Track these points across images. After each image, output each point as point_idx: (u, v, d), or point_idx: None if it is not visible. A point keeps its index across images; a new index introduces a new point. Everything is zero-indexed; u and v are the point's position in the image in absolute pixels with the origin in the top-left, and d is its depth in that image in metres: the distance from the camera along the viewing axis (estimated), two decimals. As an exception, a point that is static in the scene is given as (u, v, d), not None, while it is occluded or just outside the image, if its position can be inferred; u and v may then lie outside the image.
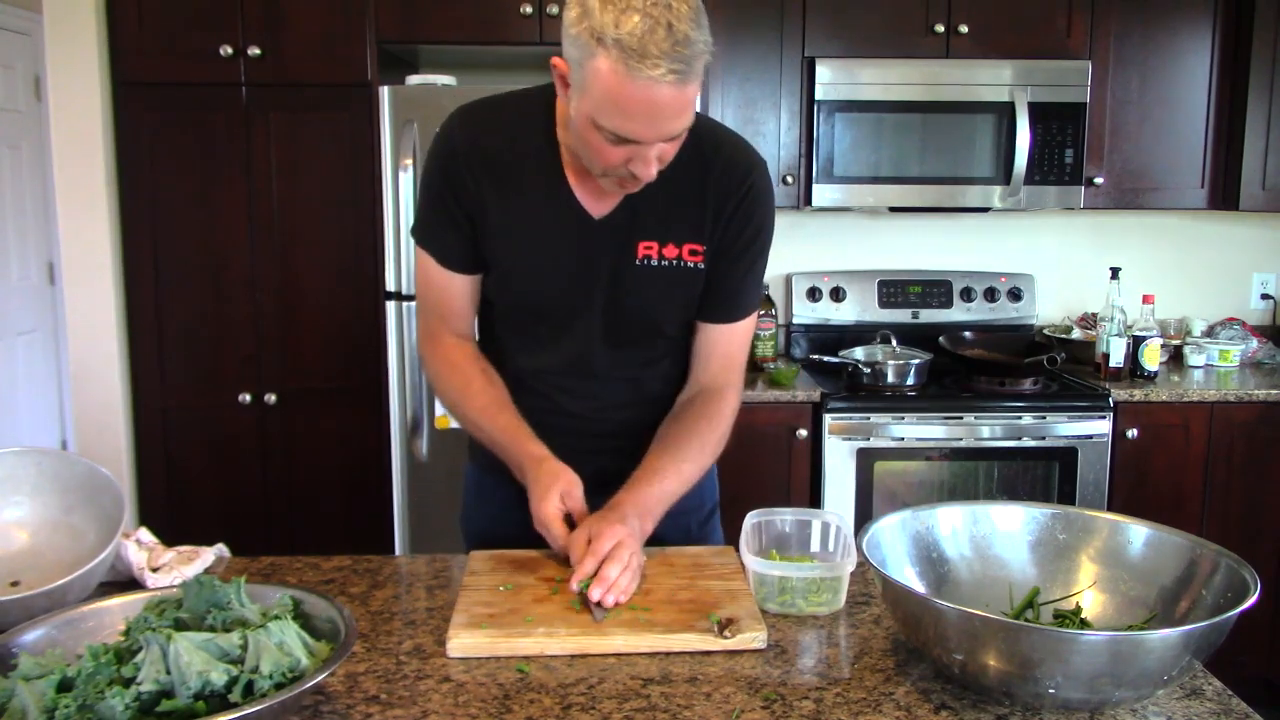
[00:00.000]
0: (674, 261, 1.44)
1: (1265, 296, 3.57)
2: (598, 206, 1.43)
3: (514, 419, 1.47)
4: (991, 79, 3.01)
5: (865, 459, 2.84)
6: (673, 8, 1.17)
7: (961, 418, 2.86)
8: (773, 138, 3.06)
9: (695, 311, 1.51)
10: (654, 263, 1.44)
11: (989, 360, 3.04)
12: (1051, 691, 1.00)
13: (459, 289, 1.51)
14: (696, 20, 1.19)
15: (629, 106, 1.20)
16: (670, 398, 1.57)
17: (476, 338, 1.59)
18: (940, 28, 3.02)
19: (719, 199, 1.44)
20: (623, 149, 1.26)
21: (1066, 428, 2.85)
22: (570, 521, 1.38)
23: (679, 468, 1.43)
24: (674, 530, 1.50)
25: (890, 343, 3.14)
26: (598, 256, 1.44)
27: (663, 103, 1.20)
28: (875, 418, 2.84)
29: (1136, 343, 3.01)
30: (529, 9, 2.87)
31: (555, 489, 1.37)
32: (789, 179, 3.08)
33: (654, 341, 1.52)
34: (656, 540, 1.41)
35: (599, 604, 1.25)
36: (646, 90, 1.18)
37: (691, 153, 1.39)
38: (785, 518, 1.44)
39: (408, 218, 2.75)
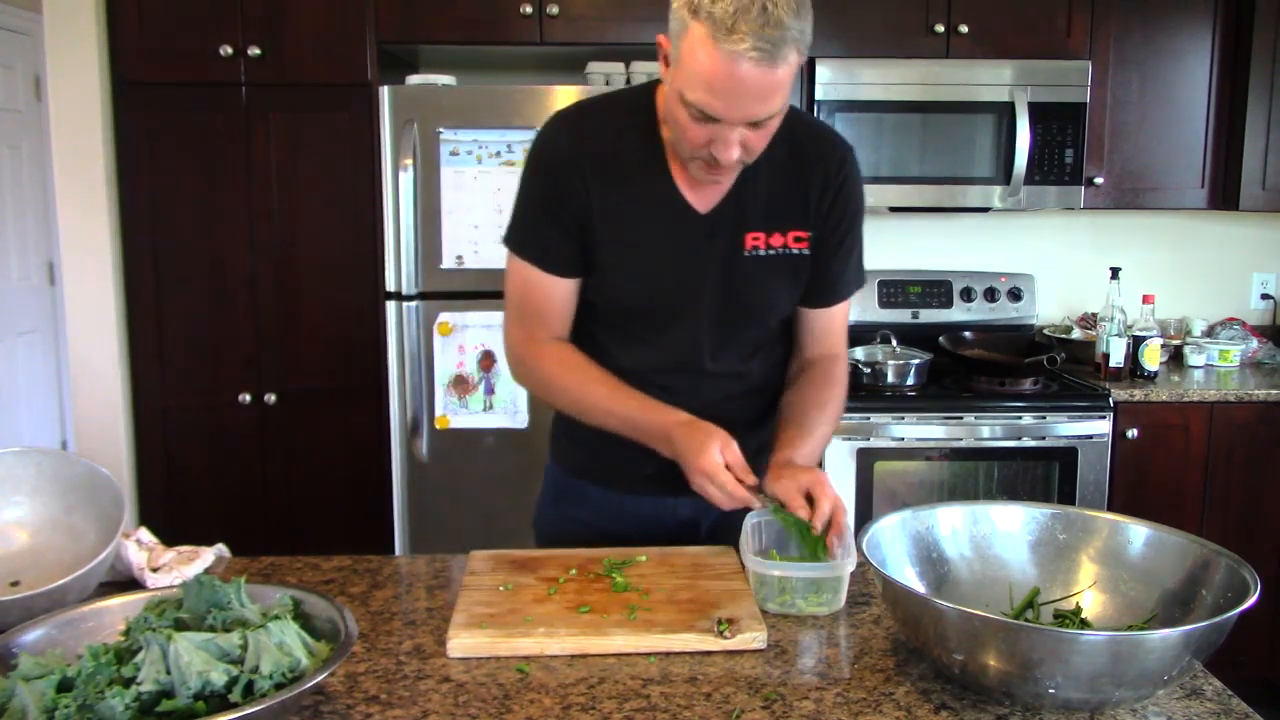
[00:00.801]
0: (781, 250, 1.47)
1: (1265, 296, 3.57)
2: (703, 201, 1.45)
3: (645, 398, 1.47)
4: (991, 79, 3.01)
5: (865, 459, 2.84)
6: None
7: (961, 418, 2.86)
8: (773, 138, 3.06)
9: (796, 298, 1.54)
10: (762, 252, 1.46)
11: (989, 360, 3.04)
12: (1051, 691, 1.00)
13: (562, 293, 1.50)
14: (797, 9, 1.21)
15: (713, 80, 1.22)
16: (773, 388, 1.59)
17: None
18: (940, 28, 3.02)
19: (819, 186, 1.47)
20: (705, 128, 1.28)
21: (1066, 428, 2.85)
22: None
23: (822, 431, 1.49)
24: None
25: (890, 343, 3.14)
26: (706, 250, 1.45)
27: (745, 79, 1.21)
28: (875, 418, 2.84)
29: (1136, 343, 3.01)
30: (529, 9, 2.87)
31: (713, 442, 1.36)
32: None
33: (760, 332, 1.54)
34: (751, 468, 1.44)
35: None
36: (730, 64, 1.20)
37: (789, 142, 1.42)
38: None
39: (408, 218, 2.75)
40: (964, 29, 3.02)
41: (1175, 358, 3.30)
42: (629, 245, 1.46)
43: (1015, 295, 3.37)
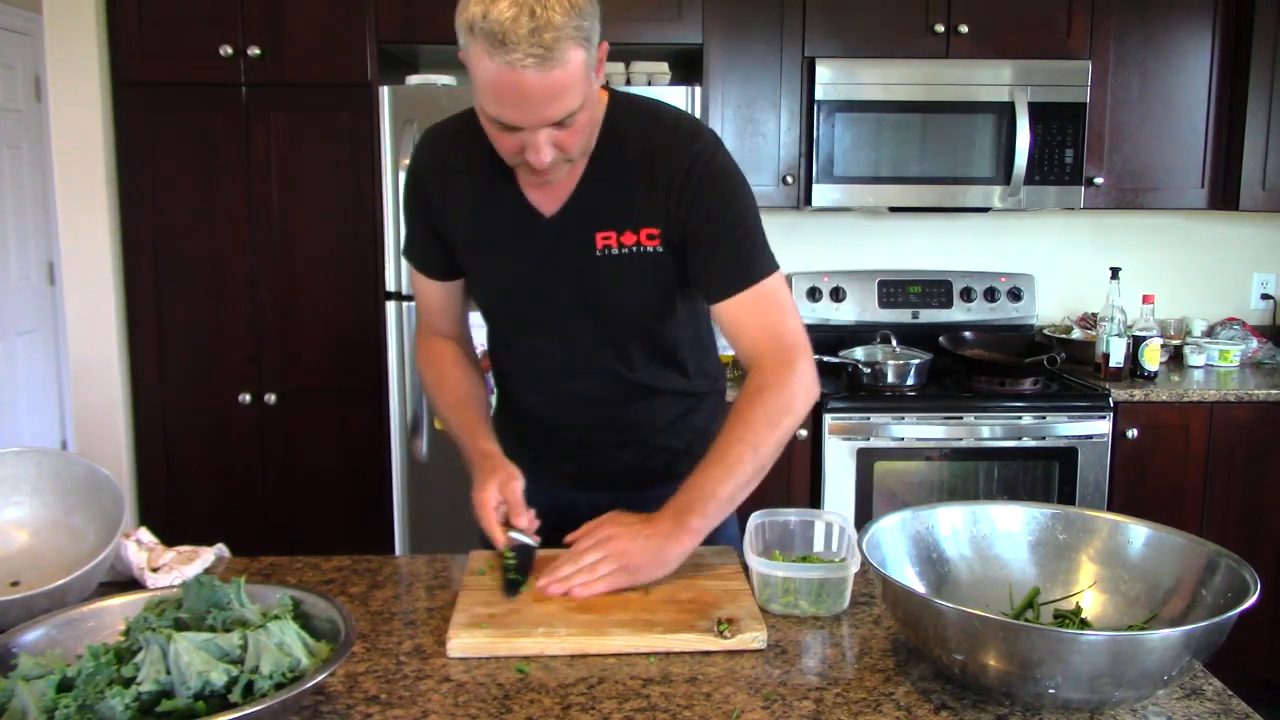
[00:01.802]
0: (634, 248, 1.44)
1: (1265, 296, 3.57)
2: (548, 203, 1.45)
3: (474, 415, 1.55)
4: (991, 79, 3.01)
5: (865, 459, 2.84)
6: None
7: (961, 418, 2.86)
8: (772, 138, 3.06)
9: (674, 301, 1.50)
10: (615, 251, 1.44)
11: (989, 360, 3.04)
12: (1051, 692, 1.00)
13: (437, 295, 1.60)
14: (570, 6, 1.20)
15: (499, 93, 1.23)
16: (674, 392, 1.59)
17: (470, 338, 1.67)
18: (940, 28, 3.02)
19: (667, 178, 1.41)
20: (513, 137, 1.29)
21: (1066, 428, 2.85)
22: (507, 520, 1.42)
23: (725, 454, 1.37)
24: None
25: (890, 343, 3.14)
26: (556, 253, 1.46)
27: (527, 87, 1.21)
28: (875, 418, 2.84)
29: (1136, 343, 3.01)
30: (529, 9, 2.86)
31: (494, 480, 1.42)
32: (789, 179, 3.08)
33: (637, 334, 1.53)
34: (664, 473, 1.45)
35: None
36: (510, 76, 1.20)
37: (635, 138, 1.42)
38: (788, 518, 1.44)
39: (408, 218, 2.75)
40: (964, 29, 3.02)
41: (1175, 358, 3.30)
42: (484, 251, 1.50)
43: (1015, 295, 3.37)
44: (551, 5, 1.19)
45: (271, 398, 2.95)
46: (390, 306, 2.82)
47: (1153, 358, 3.01)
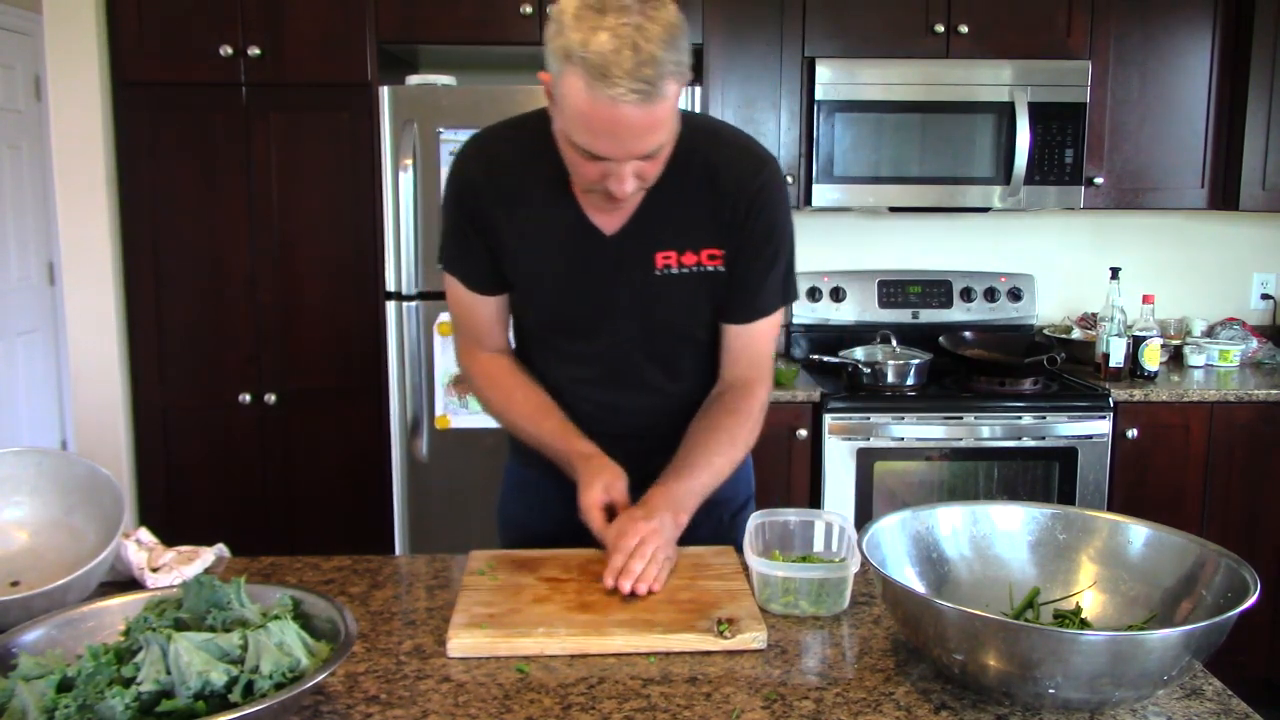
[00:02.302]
0: (694, 268, 1.45)
1: (1265, 296, 3.57)
2: (610, 223, 1.44)
3: (560, 422, 1.51)
4: (991, 79, 3.01)
5: (865, 459, 2.84)
6: (643, 28, 1.17)
7: (961, 418, 2.86)
8: (772, 138, 3.06)
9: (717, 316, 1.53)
10: (674, 271, 1.45)
11: (989, 360, 3.04)
12: (1051, 692, 1.00)
13: (487, 310, 1.55)
14: (669, 40, 1.19)
15: (594, 124, 1.21)
16: (698, 392, 1.58)
17: (513, 347, 1.63)
18: (940, 28, 3.02)
19: (731, 201, 1.43)
20: (596, 166, 1.27)
21: (1066, 428, 2.85)
22: (612, 513, 1.41)
23: (710, 461, 1.45)
24: (707, 521, 1.52)
25: (890, 343, 3.14)
26: (615, 272, 1.45)
27: (627, 122, 1.20)
28: (875, 418, 2.84)
29: (1136, 343, 3.01)
30: (529, 9, 2.87)
31: (599, 481, 1.40)
32: (789, 179, 3.07)
33: (686, 348, 1.53)
34: (691, 533, 1.42)
35: (633, 593, 1.29)
36: (609, 109, 1.19)
37: (699, 158, 1.40)
38: (789, 518, 1.44)
39: (408, 218, 2.75)
40: (964, 29, 3.02)
41: (1175, 358, 3.30)
42: (540, 268, 1.48)
43: (1015, 295, 3.37)
44: (653, 39, 1.17)
45: (271, 398, 2.95)
46: (390, 306, 2.82)
47: (1153, 358, 3.01)
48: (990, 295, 3.36)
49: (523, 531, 1.62)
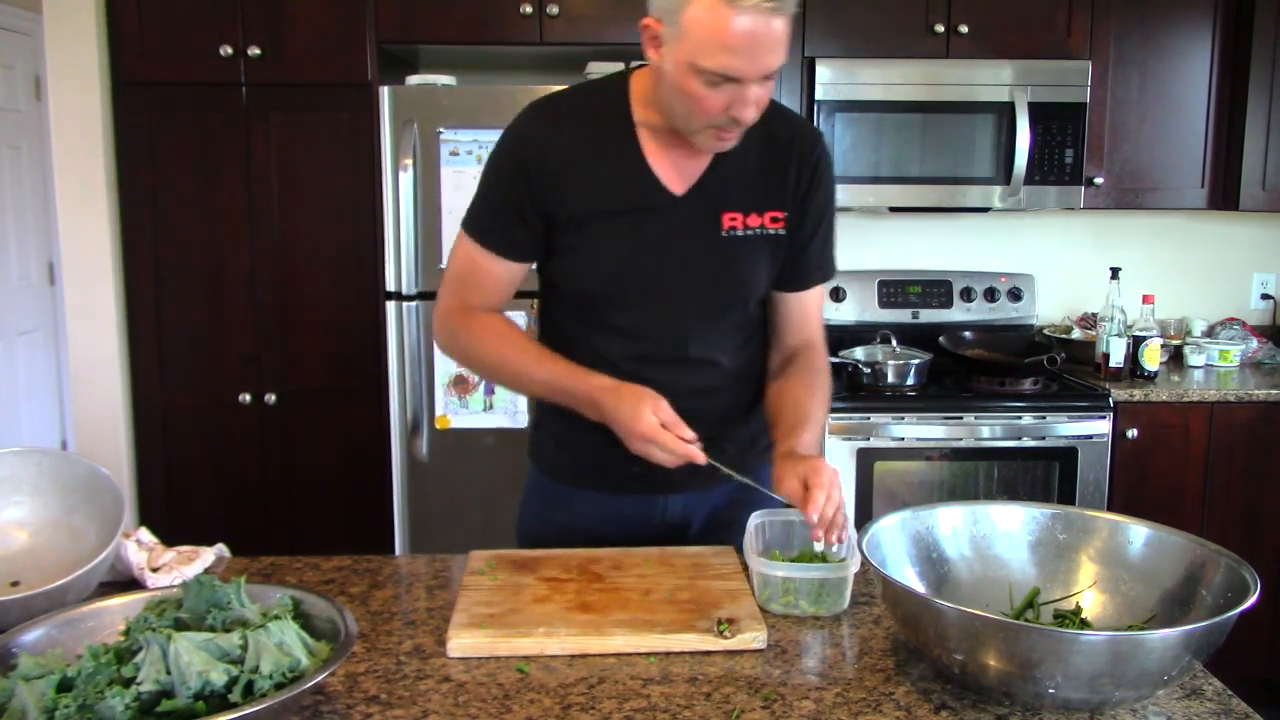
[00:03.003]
0: (759, 230, 1.48)
1: (1265, 296, 3.57)
2: (678, 183, 1.45)
3: (568, 363, 1.47)
4: (991, 79, 3.01)
5: (865, 459, 2.84)
6: None
7: (961, 418, 2.86)
8: (773, 138, 3.06)
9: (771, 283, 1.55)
10: (740, 233, 1.47)
11: (989, 360, 3.03)
12: (1051, 691, 1.00)
13: (510, 275, 1.52)
14: None
15: (731, 39, 1.25)
16: (757, 377, 1.60)
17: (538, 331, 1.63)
18: (940, 28, 3.02)
19: (796, 167, 1.48)
20: (723, 93, 1.30)
21: (1066, 428, 2.85)
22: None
23: (815, 415, 1.48)
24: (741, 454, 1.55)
25: (890, 343, 3.14)
26: (683, 232, 1.46)
27: (761, 33, 1.25)
28: (875, 418, 2.84)
29: (1136, 343, 3.01)
30: (529, 9, 2.87)
31: (645, 405, 1.36)
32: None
33: (740, 317, 1.54)
34: (734, 467, 1.45)
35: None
36: (748, 23, 1.24)
37: (763, 122, 1.41)
38: (788, 518, 1.44)
39: (408, 218, 2.75)
40: (964, 29, 3.02)
41: (1175, 358, 3.30)
42: (603, 229, 1.46)
43: (1015, 295, 3.37)
44: None
45: (271, 398, 2.95)
46: (390, 306, 2.82)
47: (1153, 358, 3.01)
48: (990, 295, 3.36)
49: (546, 545, 1.56)
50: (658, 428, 1.35)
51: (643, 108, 1.45)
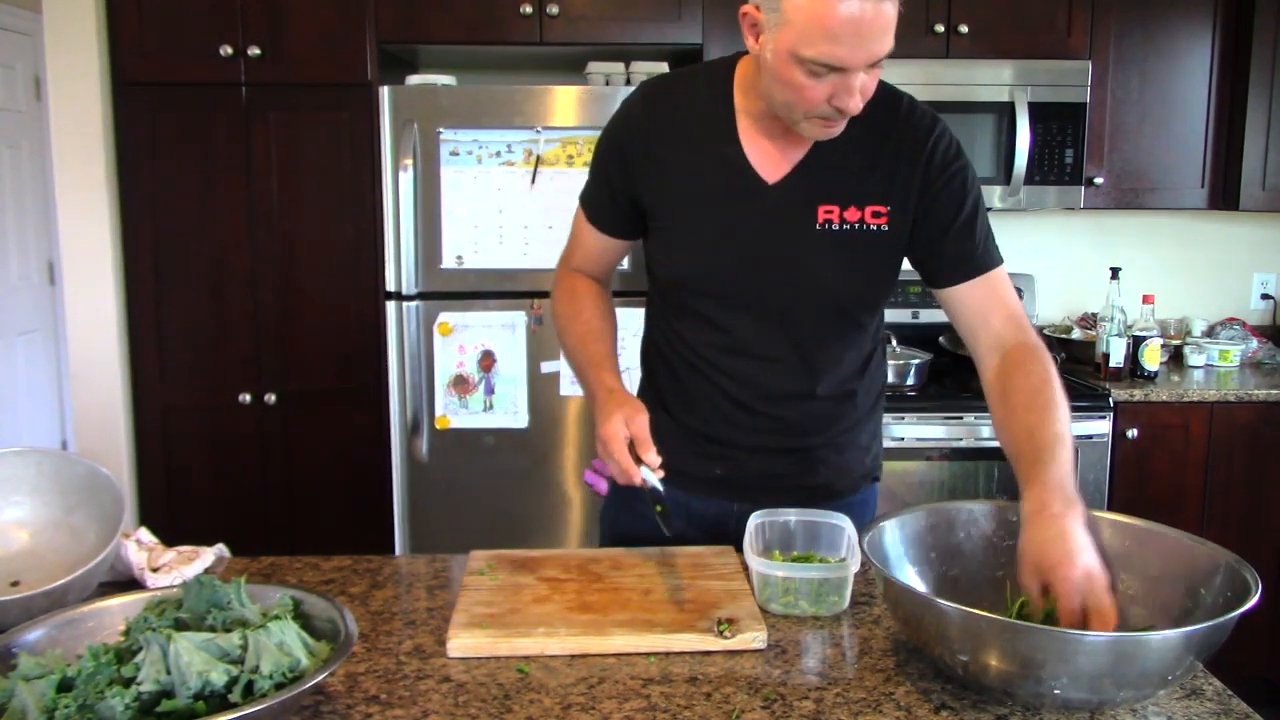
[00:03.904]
0: (856, 225, 1.41)
1: (1265, 296, 3.57)
2: (773, 171, 1.42)
3: (604, 349, 1.49)
4: (991, 79, 3.01)
5: (865, 459, 2.84)
6: None
7: (961, 418, 2.85)
8: (773, 138, 3.06)
9: (885, 289, 1.49)
10: (835, 227, 1.41)
11: (989, 360, 3.03)
12: (1056, 692, 1.00)
13: (599, 243, 1.57)
14: None
15: (834, 26, 1.20)
16: (847, 397, 1.54)
17: (610, 289, 1.64)
18: (940, 28, 3.02)
19: (909, 158, 1.40)
20: (826, 82, 1.25)
21: (1066, 428, 2.85)
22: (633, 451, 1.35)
23: (1058, 444, 1.24)
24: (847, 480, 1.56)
25: (890, 343, 3.14)
26: (774, 222, 1.41)
27: (866, 19, 1.20)
28: (875, 418, 2.83)
29: (1136, 343, 3.01)
30: (529, 9, 2.87)
31: (620, 413, 1.35)
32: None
33: (838, 330, 1.49)
34: (823, 489, 1.45)
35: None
36: (851, 9, 1.19)
37: (866, 111, 1.36)
38: (789, 518, 1.44)
39: (408, 218, 2.75)
40: (964, 29, 3.02)
41: (1175, 358, 3.30)
42: (692, 212, 1.44)
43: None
44: None
45: (271, 398, 2.95)
46: (390, 306, 2.82)
47: (1153, 358, 3.01)
48: (990, 295, 3.35)
49: (627, 539, 1.55)
50: (617, 436, 1.34)
51: (744, 94, 1.42)
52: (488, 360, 2.81)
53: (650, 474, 1.34)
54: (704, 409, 1.52)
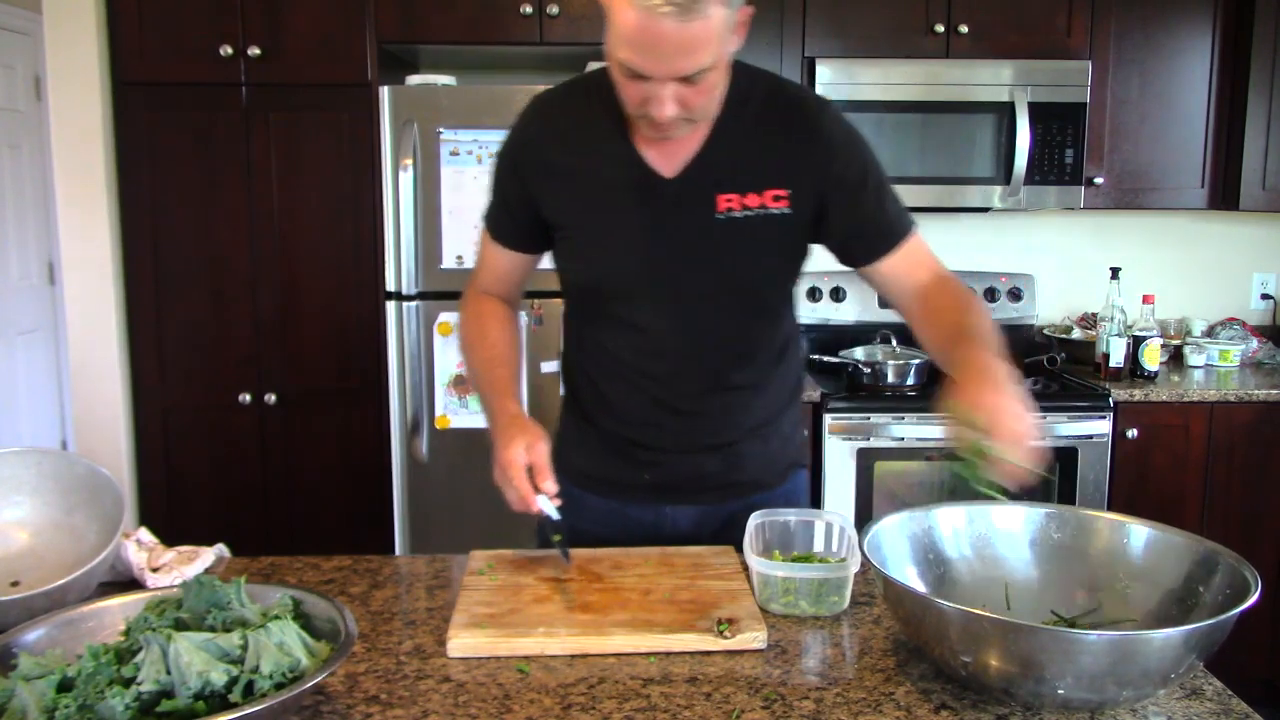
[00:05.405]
0: (759, 211, 1.41)
1: (1265, 296, 3.57)
2: (669, 165, 1.42)
3: (507, 374, 1.50)
4: (991, 79, 3.01)
5: (865, 459, 2.84)
6: None
7: (961, 418, 2.85)
8: (773, 138, 3.06)
9: (793, 271, 1.50)
10: (737, 214, 1.41)
11: (989, 360, 3.03)
12: (1060, 692, 1.00)
13: (506, 263, 1.57)
14: None
15: (633, 37, 1.22)
16: (770, 387, 1.54)
17: (518, 312, 1.65)
18: (940, 28, 3.02)
19: (801, 140, 1.41)
20: (639, 86, 1.27)
21: (1066, 428, 2.85)
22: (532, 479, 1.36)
23: (977, 325, 1.36)
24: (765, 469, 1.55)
25: (890, 343, 3.14)
26: (674, 217, 1.42)
27: (663, 35, 1.20)
28: (875, 418, 2.84)
29: (1136, 343, 3.01)
30: (529, 9, 2.87)
31: (521, 439, 1.36)
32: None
33: (748, 308, 1.48)
34: (751, 483, 1.45)
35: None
36: (646, 21, 1.19)
37: (757, 96, 1.40)
38: (788, 518, 1.44)
39: (408, 218, 2.75)
40: (964, 29, 3.02)
41: (1175, 358, 3.30)
42: (593, 215, 1.45)
43: (1015, 295, 3.37)
44: None
45: (271, 398, 2.95)
46: (390, 306, 2.82)
47: (1153, 358, 3.01)
48: (990, 295, 3.36)
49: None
50: (516, 462, 1.35)
51: None
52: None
53: (547, 503, 1.35)
54: (627, 414, 1.53)
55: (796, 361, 1.62)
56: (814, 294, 3.34)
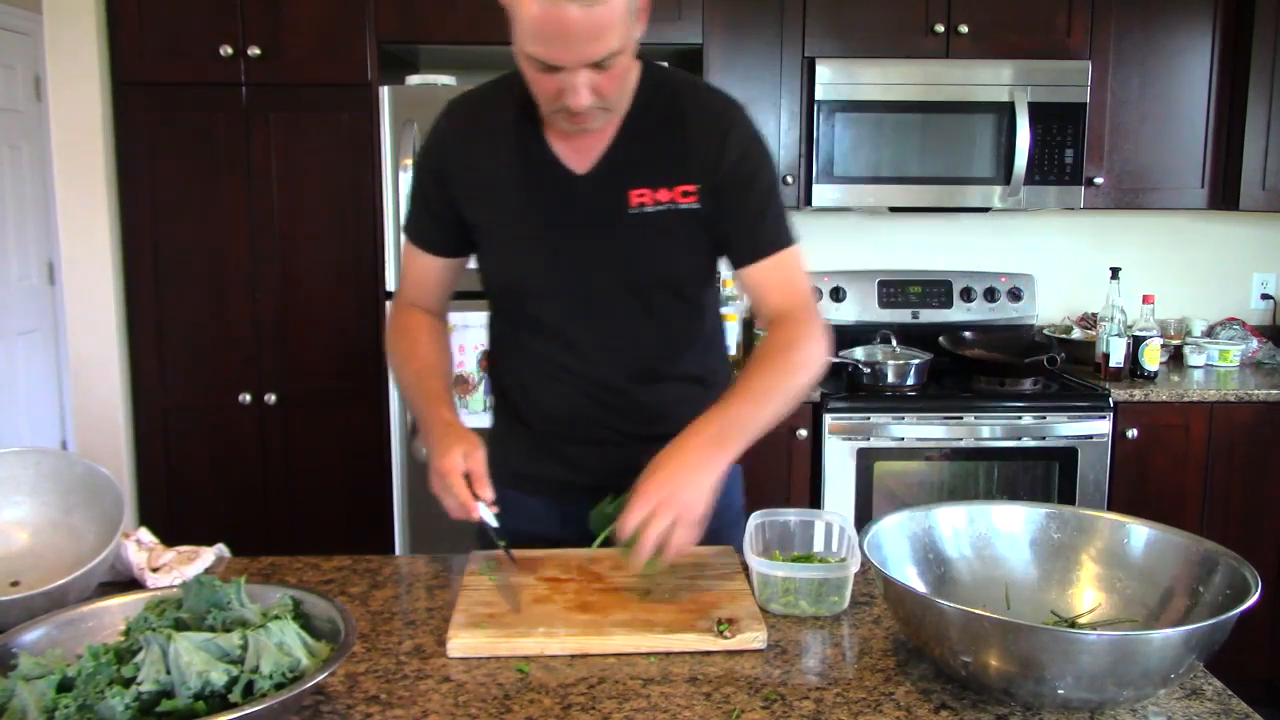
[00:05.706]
0: (669, 205, 1.43)
1: (1265, 296, 3.57)
2: (581, 162, 1.43)
3: (440, 385, 1.50)
4: (991, 79, 3.01)
5: (865, 459, 2.84)
6: None
7: (961, 418, 2.86)
8: (773, 138, 3.06)
9: (708, 265, 1.50)
10: (649, 209, 1.43)
11: (989, 360, 3.03)
12: (1060, 692, 1.00)
13: (430, 269, 1.56)
14: None
15: (541, 29, 1.23)
16: (694, 379, 1.54)
17: (446, 322, 1.64)
18: (940, 28, 3.02)
19: (705, 134, 1.42)
20: (551, 78, 1.28)
21: (1066, 428, 2.85)
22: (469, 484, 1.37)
23: (753, 390, 1.36)
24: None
25: (890, 343, 3.14)
26: (588, 212, 1.43)
27: (570, 23, 1.21)
28: (875, 418, 2.84)
29: (1136, 343, 3.01)
30: (529, 9, 2.86)
31: (458, 448, 1.36)
32: (789, 179, 3.07)
33: (667, 303, 1.49)
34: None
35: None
36: (550, 11, 1.21)
37: (666, 93, 1.42)
38: (788, 518, 1.44)
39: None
40: (964, 29, 3.02)
41: (1175, 358, 3.30)
42: (508, 214, 1.46)
43: (1015, 295, 3.37)
44: None
45: (271, 398, 2.95)
46: (390, 307, 2.81)
47: (1153, 358, 3.01)
48: (990, 295, 3.36)
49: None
50: (454, 470, 1.34)
51: None
52: (488, 360, 2.80)
53: (486, 511, 1.35)
54: (560, 414, 1.53)
55: (722, 351, 1.64)
56: (814, 294, 3.33)
